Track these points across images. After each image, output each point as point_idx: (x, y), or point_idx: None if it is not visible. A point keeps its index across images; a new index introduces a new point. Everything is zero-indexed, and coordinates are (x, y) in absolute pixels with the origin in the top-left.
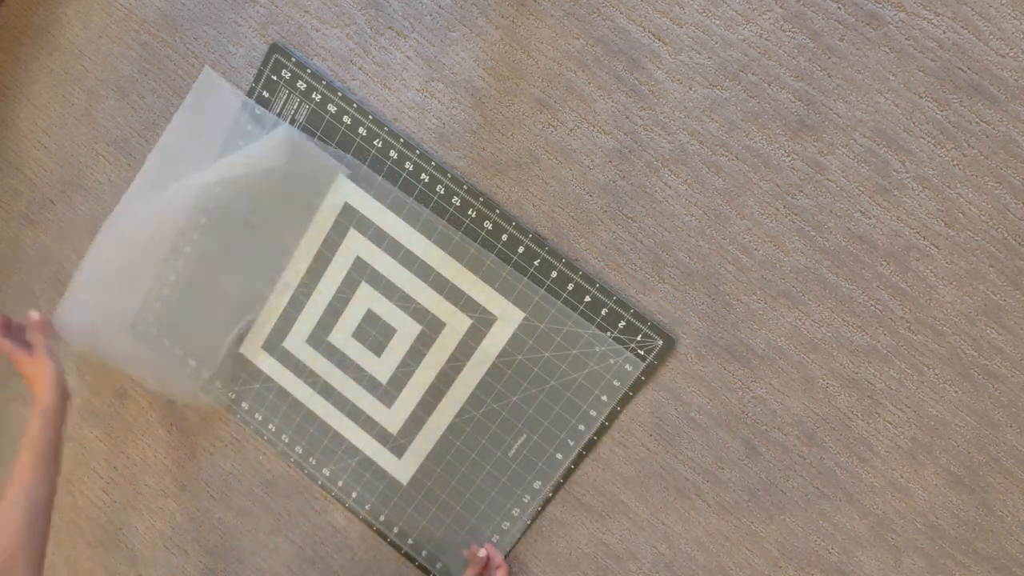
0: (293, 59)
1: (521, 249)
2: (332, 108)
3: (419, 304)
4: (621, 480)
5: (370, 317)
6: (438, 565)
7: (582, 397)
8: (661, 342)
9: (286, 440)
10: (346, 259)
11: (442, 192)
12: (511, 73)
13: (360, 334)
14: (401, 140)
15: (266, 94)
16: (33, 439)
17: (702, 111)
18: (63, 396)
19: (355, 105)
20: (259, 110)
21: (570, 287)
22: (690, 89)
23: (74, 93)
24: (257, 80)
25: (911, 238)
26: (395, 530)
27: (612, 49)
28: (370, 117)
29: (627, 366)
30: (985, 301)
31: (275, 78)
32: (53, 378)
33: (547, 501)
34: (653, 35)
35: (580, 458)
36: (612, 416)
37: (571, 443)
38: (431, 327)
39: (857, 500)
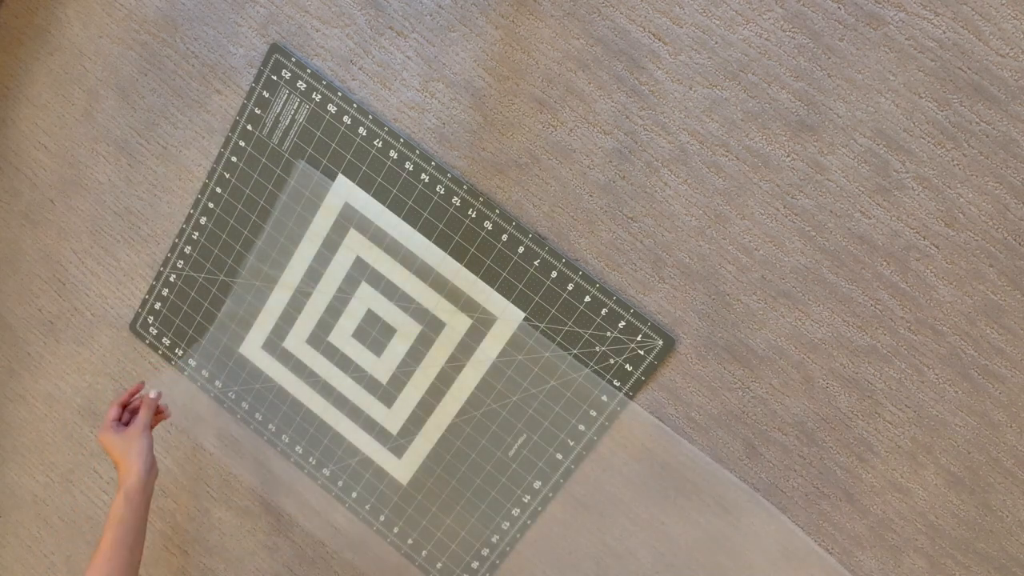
0: (293, 59)
1: (521, 249)
2: (332, 108)
3: (419, 304)
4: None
5: (370, 317)
6: (438, 565)
7: (582, 397)
8: (661, 342)
9: (286, 440)
10: (346, 259)
11: (442, 192)
12: (511, 73)
13: (360, 334)
14: (401, 140)
15: (266, 94)
16: (114, 522)
17: (702, 111)
18: (150, 472)
19: (355, 105)
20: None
21: (570, 287)
22: (690, 89)
23: (74, 93)
24: (257, 80)
25: (911, 238)
26: (395, 530)
27: (612, 49)
28: (370, 117)
29: (627, 366)
30: (985, 301)
31: (275, 78)
32: (140, 453)
33: (547, 501)
34: (653, 35)
35: (580, 458)
36: (612, 416)
37: (571, 443)
38: (431, 327)
39: (857, 500)
